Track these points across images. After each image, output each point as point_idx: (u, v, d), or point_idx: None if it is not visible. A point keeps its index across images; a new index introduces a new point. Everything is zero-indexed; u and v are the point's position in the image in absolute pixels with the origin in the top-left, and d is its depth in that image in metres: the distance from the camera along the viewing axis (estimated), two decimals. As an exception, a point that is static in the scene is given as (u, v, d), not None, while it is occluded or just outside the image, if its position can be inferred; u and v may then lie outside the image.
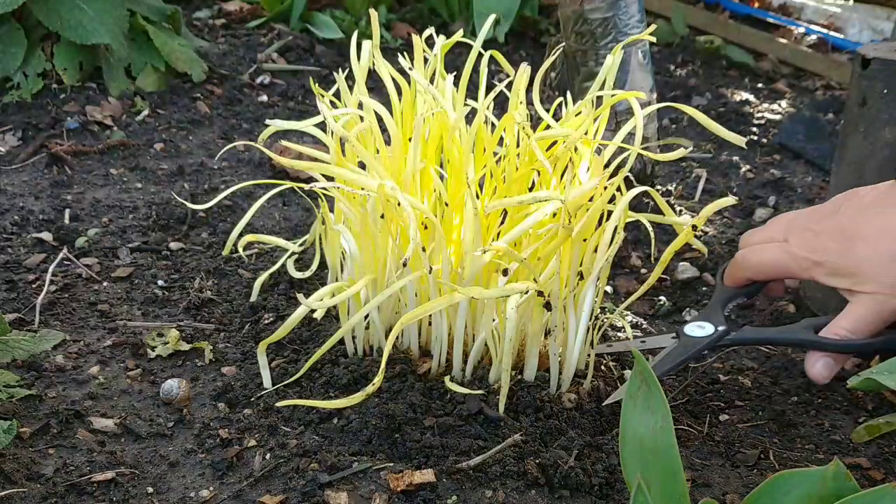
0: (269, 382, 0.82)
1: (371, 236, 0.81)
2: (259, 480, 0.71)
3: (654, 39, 0.91)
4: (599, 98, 0.81)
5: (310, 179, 0.90)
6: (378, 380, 0.71)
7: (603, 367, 0.88)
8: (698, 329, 0.81)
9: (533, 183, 0.83)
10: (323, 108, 0.80)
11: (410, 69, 0.83)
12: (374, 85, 1.42)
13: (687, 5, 2.41)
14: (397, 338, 0.85)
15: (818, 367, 0.76)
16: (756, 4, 2.44)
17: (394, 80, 0.84)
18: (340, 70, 0.88)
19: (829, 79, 2.12)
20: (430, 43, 0.85)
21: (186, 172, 1.32)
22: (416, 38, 0.84)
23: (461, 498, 0.69)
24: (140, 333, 0.91)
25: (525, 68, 0.81)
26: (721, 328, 0.80)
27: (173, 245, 1.10)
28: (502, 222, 0.82)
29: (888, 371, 0.81)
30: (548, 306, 0.76)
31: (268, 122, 0.86)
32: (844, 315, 0.76)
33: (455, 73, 0.83)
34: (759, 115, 1.85)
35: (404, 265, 0.72)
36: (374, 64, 0.85)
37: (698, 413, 0.85)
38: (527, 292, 0.72)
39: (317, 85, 0.87)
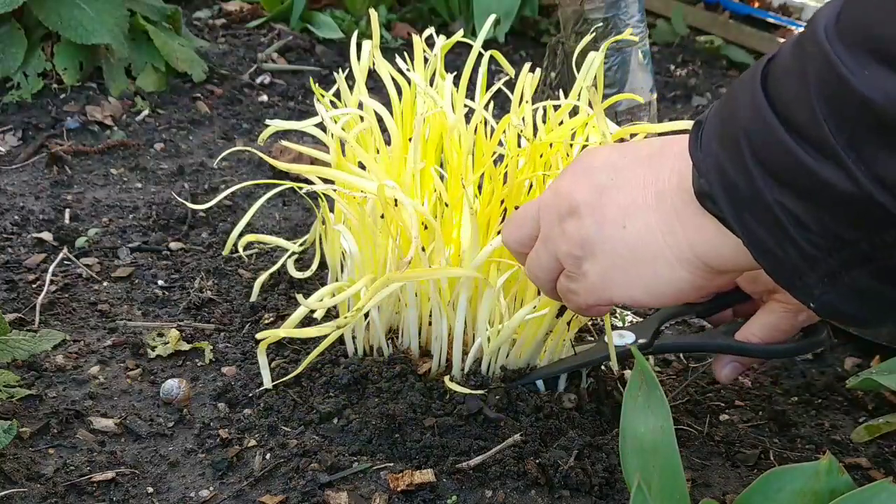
0: (269, 382, 0.82)
1: (371, 236, 0.81)
2: (259, 480, 0.71)
3: (636, 40, 0.90)
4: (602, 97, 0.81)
5: (310, 180, 0.90)
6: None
7: (603, 367, 0.88)
8: (618, 338, 0.77)
9: (531, 185, 0.83)
10: (321, 109, 0.80)
11: (409, 70, 0.83)
12: (375, 85, 1.42)
13: (687, 5, 2.41)
14: (397, 338, 0.85)
15: (727, 370, 0.74)
16: (756, 4, 2.43)
17: (394, 80, 0.84)
18: (340, 70, 0.88)
19: (829, 79, 2.11)
20: (430, 43, 0.85)
21: (186, 172, 1.32)
22: (416, 38, 0.84)
23: (461, 498, 0.69)
24: (140, 333, 0.91)
25: (529, 69, 0.81)
26: (642, 340, 0.76)
27: (173, 245, 1.10)
28: (502, 220, 0.82)
29: (888, 371, 0.82)
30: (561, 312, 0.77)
31: (268, 122, 0.86)
32: (756, 322, 0.71)
33: (455, 73, 0.83)
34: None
35: (409, 264, 0.72)
36: (374, 64, 0.85)
37: (698, 413, 0.85)
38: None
39: (317, 85, 0.87)
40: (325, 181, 0.83)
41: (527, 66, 0.82)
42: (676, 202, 0.55)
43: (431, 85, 0.83)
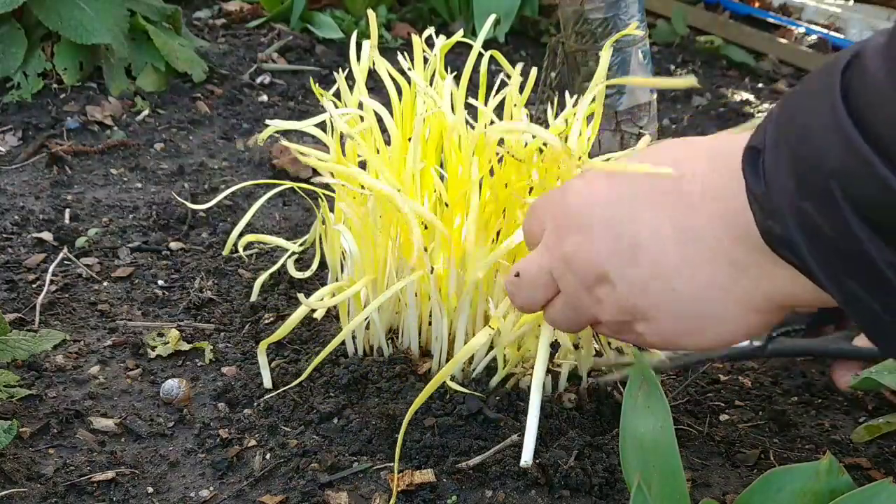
0: (269, 382, 0.82)
1: (371, 236, 0.81)
2: (259, 480, 0.71)
3: (640, 33, 0.89)
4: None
5: (310, 179, 0.89)
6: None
7: (603, 367, 0.88)
8: None
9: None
10: (329, 105, 0.80)
11: (410, 69, 0.83)
12: (374, 85, 1.42)
13: (687, 5, 2.41)
14: (397, 338, 0.85)
15: (847, 378, 0.70)
16: (756, 4, 2.44)
17: (394, 80, 0.84)
18: (340, 70, 0.88)
19: (830, 79, 2.11)
20: (430, 43, 0.85)
21: (186, 172, 1.32)
22: (416, 38, 0.84)
23: (461, 498, 0.69)
24: (140, 333, 0.91)
25: (528, 72, 0.81)
26: (757, 343, 0.75)
27: (173, 245, 1.10)
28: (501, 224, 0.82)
29: (888, 371, 0.82)
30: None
31: (268, 122, 0.86)
32: None
33: (455, 73, 0.83)
34: (760, 115, 1.85)
35: (414, 268, 0.72)
36: (373, 64, 0.85)
37: (698, 413, 0.85)
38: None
39: (317, 85, 0.87)
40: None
41: (517, 72, 0.81)
42: (730, 251, 0.47)
43: (431, 85, 0.83)
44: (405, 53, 0.88)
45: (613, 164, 0.54)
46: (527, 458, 0.60)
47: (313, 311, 0.89)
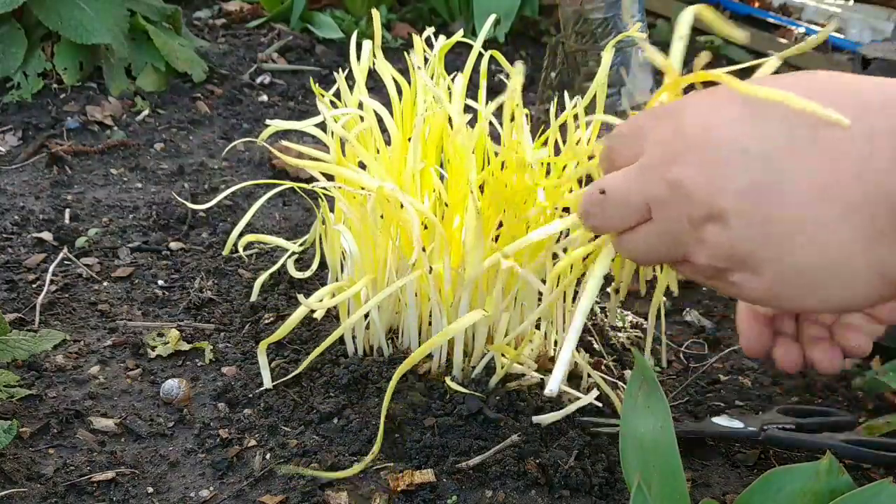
0: (270, 382, 0.82)
1: (371, 236, 0.81)
2: (259, 480, 0.71)
3: (643, 36, 0.89)
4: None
5: (310, 179, 0.90)
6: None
7: (603, 367, 0.88)
8: (726, 420, 0.78)
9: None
10: (323, 108, 0.80)
11: (419, 68, 0.83)
12: (374, 85, 1.42)
13: (687, 5, 2.41)
14: (397, 338, 0.85)
15: (854, 340, 0.60)
16: (756, 4, 2.44)
17: (394, 80, 0.84)
18: (340, 70, 0.88)
19: (830, 79, 2.12)
20: (430, 43, 0.85)
21: (186, 172, 1.32)
22: (416, 38, 0.84)
23: (461, 498, 0.69)
24: (140, 333, 0.91)
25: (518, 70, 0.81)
26: (752, 428, 0.77)
27: (173, 245, 1.10)
28: (501, 224, 0.82)
29: (891, 371, 0.82)
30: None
31: (268, 122, 0.86)
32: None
33: (455, 73, 0.83)
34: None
35: (413, 265, 0.72)
36: (374, 64, 0.85)
37: (698, 413, 0.85)
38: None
39: (317, 85, 0.87)
40: (328, 178, 0.82)
41: (517, 70, 0.81)
42: (880, 221, 0.43)
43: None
44: (406, 53, 0.88)
45: (760, 88, 0.47)
46: (552, 387, 0.54)
47: (313, 311, 0.89)
